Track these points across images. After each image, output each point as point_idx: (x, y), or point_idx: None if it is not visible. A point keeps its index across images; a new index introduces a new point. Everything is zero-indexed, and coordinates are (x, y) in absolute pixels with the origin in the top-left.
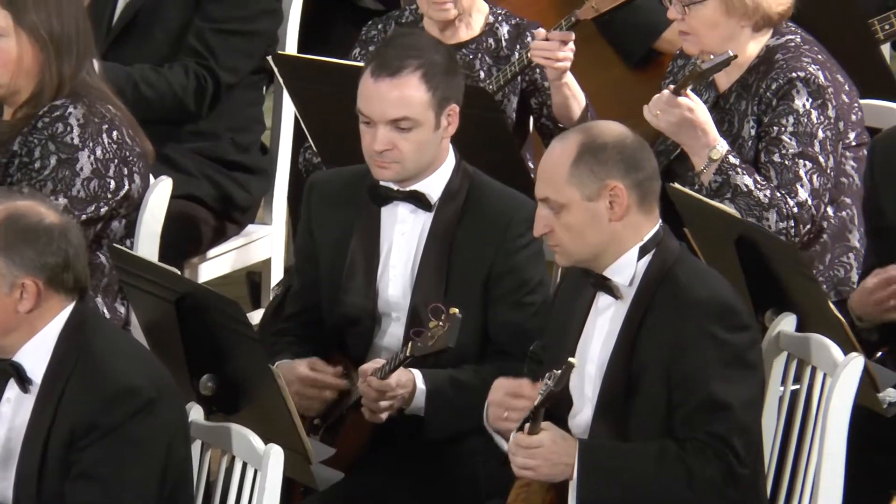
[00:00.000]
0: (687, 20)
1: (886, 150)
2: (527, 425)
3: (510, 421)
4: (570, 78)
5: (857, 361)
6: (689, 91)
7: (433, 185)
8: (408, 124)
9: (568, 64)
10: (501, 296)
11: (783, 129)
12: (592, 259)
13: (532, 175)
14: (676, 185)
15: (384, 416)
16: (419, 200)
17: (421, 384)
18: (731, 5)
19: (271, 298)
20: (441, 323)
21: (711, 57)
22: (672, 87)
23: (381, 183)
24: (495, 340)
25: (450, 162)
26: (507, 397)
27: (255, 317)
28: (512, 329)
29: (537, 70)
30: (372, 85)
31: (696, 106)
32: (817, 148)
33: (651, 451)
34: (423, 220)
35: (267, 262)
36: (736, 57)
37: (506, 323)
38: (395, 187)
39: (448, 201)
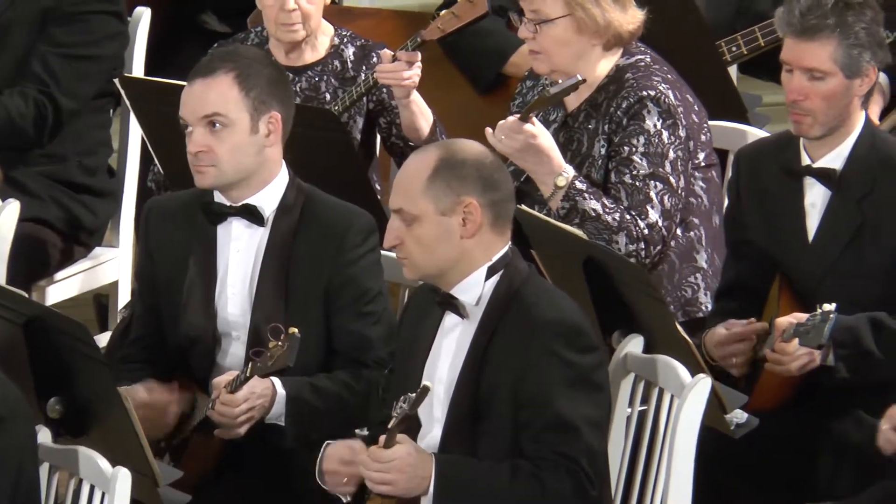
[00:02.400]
0: (538, 39)
1: (752, 162)
2: (382, 438)
3: (350, 485)
4: (416, 96)
5: (704, 383)
6: (533, 118)
7: (266, 200)
8: (221, 121)
9: (415, 82)
10: (342, 306)
11: (634, 149)
12: (440, 275)
13: (379, 196)
14: (524, 207)
15: (243, 430)
16: (252, 215)
17: (281, 389)
18: (582, 24)
19: (118, 321)
20: (280, 343)
21: (559, 81)
22: (519, 112)
23: (215, 199)
24: (341, 350)
25: (283, 177)
26: (341, 465)
27: (103, 339)
28: (356, 338)
29: (384, 90)
30: (187, 89)
31: (539, 133)
32: (668, 168)
33: (505, 467)
34: (259, 236)
35: (114, 285)
36: (584, 81)
37: (349, 332)
38: (228, 203)
39: (283, 216)
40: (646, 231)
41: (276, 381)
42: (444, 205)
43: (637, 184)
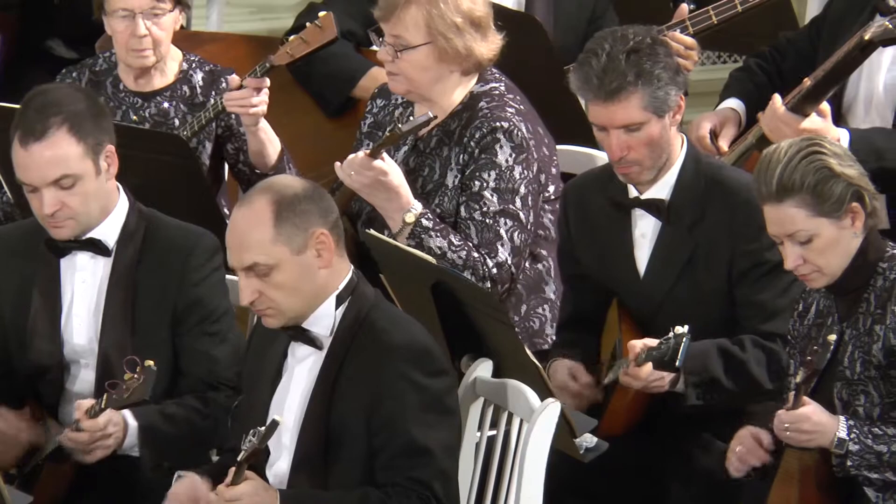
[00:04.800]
0: (397, 63)
1: (579, 197)
2: (232, 470)
3: None
4: (264, 123)
5: (553, 407)
6: (384, 154)
7: (108, 230)
8: (69, 181)
9: (263, 110)
10: (189, 327)
11: (485, 184)
12: (303, 314)
13: (227, 221)
14: (372, 232)
15: (95, 456)
16: (96, 247)
17: (132, 421)
18: (443, 53)
19: None
20: (136, 375)
21: (410, 118)
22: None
23: None
24: (187, 371)
25: (123, 204)
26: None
27: None
28: (202, 358)
29: (232, 116)
30: (24, 153)
31: (389, 170)
32: (518, 204)
33: (354, 496)
34: (103, 265)
35: None
36: (435, 118)
37: (195, 352)
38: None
39: (126, 243)
40: (494, 270)
41: (127, 413)
42: (297, 243)
43: (487, 221)
